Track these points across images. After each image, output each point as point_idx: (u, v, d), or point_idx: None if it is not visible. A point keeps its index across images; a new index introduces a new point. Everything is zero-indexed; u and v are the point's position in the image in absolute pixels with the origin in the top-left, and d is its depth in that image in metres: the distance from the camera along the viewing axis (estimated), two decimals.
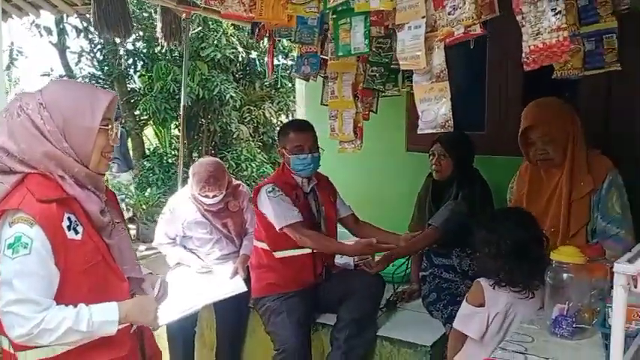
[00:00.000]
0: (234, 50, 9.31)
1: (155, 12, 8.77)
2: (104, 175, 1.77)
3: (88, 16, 8.78)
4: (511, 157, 2.91)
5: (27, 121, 1.59)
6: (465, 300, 2.23)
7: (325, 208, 3.05)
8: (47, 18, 10.27)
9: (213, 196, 3.23)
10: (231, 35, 9.10)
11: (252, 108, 10.95)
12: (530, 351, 1.75)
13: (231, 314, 3.22)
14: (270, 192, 2.86)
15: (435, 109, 1.66)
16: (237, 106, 10.47)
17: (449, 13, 1.58)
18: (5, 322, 1.55)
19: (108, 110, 1.68)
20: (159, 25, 4.11)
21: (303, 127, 2.84)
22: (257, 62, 10.40)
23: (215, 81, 9.43)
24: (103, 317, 1.60)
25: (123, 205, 8.09)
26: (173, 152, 10.79)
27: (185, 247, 3.43)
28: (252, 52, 10.03)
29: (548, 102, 2.46)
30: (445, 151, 3.04)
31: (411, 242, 2.95)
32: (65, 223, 1.59)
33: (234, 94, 9.71)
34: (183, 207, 3.36)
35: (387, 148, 3.99)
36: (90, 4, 4.83)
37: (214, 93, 9.45)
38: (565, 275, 1.87)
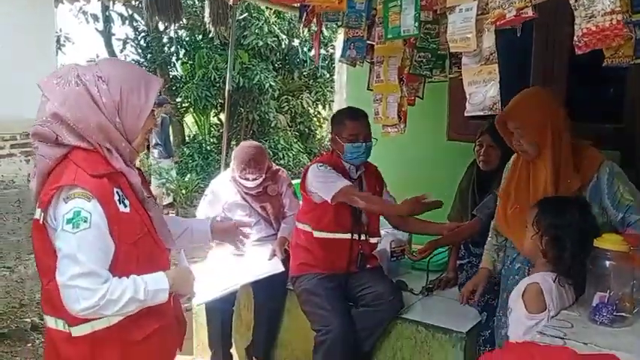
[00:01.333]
0: (275, 38, 9.39)
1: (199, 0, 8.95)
2: (140, 155, 1.83)
3: (133, 3, 9.02)
4: None
5: (84, 91, 1.60)
6: (523, 309, 1.97)
7: None
8: (94, 5, 10.52)
9: (253, 179, 3.30)
10: (273, 24, 9.17)
11: (290, 97, 11.04)
12: (570, 336, 1.75)
13: (269, 294, 3.28)
14: (320, 167, 2.91)
15: (484, 92, 1.67)
16: (276, 96, 10.57)
17: None
18: (70, 296, 1.54)
19: (156, 95, 1.73)
20: (207, 10, 4.19)
21: (359, 115, 2.84)
22: (299, 50, 10.44)
23: (255, 70, 9.54)
24: (156, 286, 1.64)
25: (164, 190, 8.30)
26: (212, 140, 10.97)
27: None
28: (295, 40, 10.07)
29: (526, 92, 2.31)
30: (493, 142, 3.00)
31: (456, 232, 2.94)
32: (116, 197, 1.62)
33: (273, 84, 9.81)
34: (225, 189, 3.44)
35: (427, 138, 3.99)
36: None
37: (254, 82, 9.56)
38: (607, 263, 1.85)
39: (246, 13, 8.99)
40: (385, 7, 1.83)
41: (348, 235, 2.96)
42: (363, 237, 3.02)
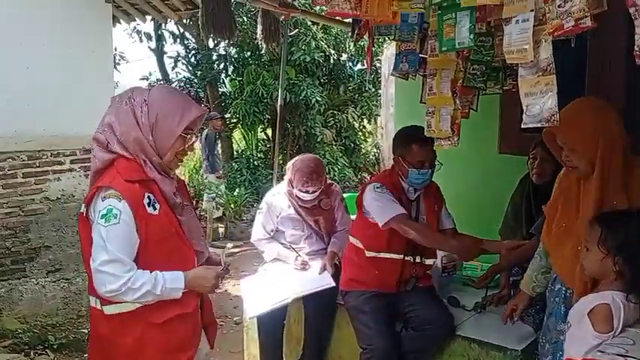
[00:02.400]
0: (322, 54, 9.47)
1: (248, 17, 9.12)
2: (174, 170, 2.07)
3: (185, 22, 9.28)
4: None
5: (130, 111, 1.93)
6: (589, 327, 1.87)
7: (427, 217, 3.00)
8: (147, 25, 10.90)
9: (313, 192, 3.32)
10: (320, 39, 9.26)
11: (335, 112, 11.08)
12: (632, 353, 1.69)
13: (319, 309, 3.29)
14: (377, 188, 2.88)
15: (541, 103, 1.64)
16: (322, 111, 10.64)
17: (559, 6, 1.56)
18: (98, 279, 1.85)
19: (193, 122, 1.99)
20: (259, 27, 4.28)
21: (426, 140, 2.72)
22: (345, 65, 10.49)
23: (302, 85, 9.63)
24: (172, 285, 1.92)
25: (213, 204, 8.47)
26: (259, 155, 11.12)
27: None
28: (342, 54, 10.12)
29: (577, 103, 2.11)
30: (548, 155, 2.93)
31: (517, 253, 2.84)
32: (146, 200, 1.91)
33: (319, 99, 9.87)
34: (279, 202, 3.48)
35: (479, 151, 3.93)
36: (191, 9, 5.14)
37: (300, 97, 9.65)
38: None
39: (296, 30, 9.12)
40: (439, 19, 1.83)
41: (400, 256, 2.93)
42: (417, 259, 2.98)
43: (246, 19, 9.30)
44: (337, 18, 3.40)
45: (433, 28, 2.11)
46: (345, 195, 3.74)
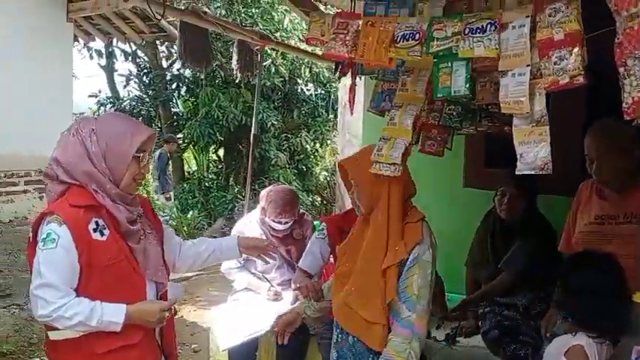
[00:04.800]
0: (281, 79, 9.57)
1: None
2: (133, 194, 2.04)
3: (138, 42, 9.15)
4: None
5: (79, 142, 1.92)
6: None
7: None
8: (97, 41, 10.67)
9: (285, 223, 3.33)
10: (280, 65, 9.35)
11: (289, 136, 11.16)
12: None
13: (291, 339, 3.27)
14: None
15: (535, 152, 1.73)
16: (276, 134, 10.69)
17: (555, 63, 1.67)
18: (32, 302, 1.86)
19: (144, 143, 1.98)
20: (234, 57, 4.30)
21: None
22: (300, 90, 10.66)
23: (258, 108, 9.67)
24: (110, 318, 1.88)
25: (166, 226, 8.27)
26: (210, 176, 11.02)
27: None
28: (298, 80, 10.26)
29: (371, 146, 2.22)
30: (518, 192, 3.04)
31: (487, 289, 2.98)
32: (92, 226, 1.89)
33: (275, 122, 9.92)
34: (250, 230, 3.46)
35: (443, 184, 4.05)
36: (156, 32, 5.09)
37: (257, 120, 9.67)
38: None
39: (272, 58, 9.24)
40: (436, 67, 1.91)
41: None
42: None
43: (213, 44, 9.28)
44: (312, 52, 3.45)
45: (409, 66, 2.19)
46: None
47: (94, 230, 1.89)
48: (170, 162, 9.49)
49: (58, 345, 1.95)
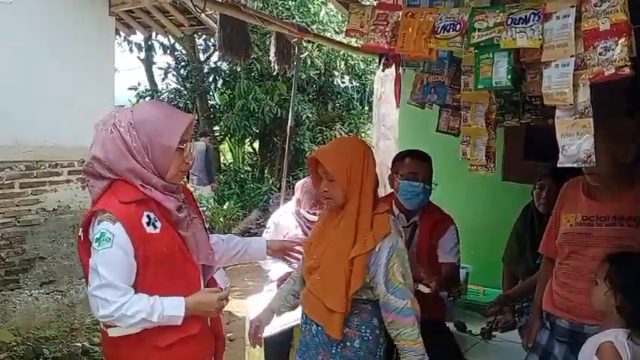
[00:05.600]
0: (317, 71, 9.58)
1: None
2: (178, 184, 2.00)
3: (178, 35, 9.28)
4: None
5: (118, 138, 1.86)
6: None
7: (417, 248, 2.82)
8: (137, 34, 10.87)
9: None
10: (315, 57, 9.36)
11: (323, 128, 11.17)
12: None
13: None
14: None
15: (578, 144, 1.70)
16: (311, 126, 10.72)
17: (600, 54, 1.64)
18: (92, 303, 1.82)
19: (185, 132, 1.93)
20: (272, 49, 4.33)
21: (421, 156, 2.75)
22: (335, 82, 10.65)
23: (294, 101, 9.72)
24: (171, 312, 1.87)
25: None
26: (246, 168, 11.13)
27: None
28: (334, 72, 10.26)
29: (341, 139, 2.18)
30: (557, 186, 2.98)
31: (525, 284, 2.92)
32: (144, 220, 1.85)
33: (310, 115, 9.95)
34: (286, 221, 3.48)
35: (482, 178, 3.99)
36: (195, 25, 5.16)
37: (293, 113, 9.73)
38: None
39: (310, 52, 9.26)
40: (477, 58, 1.89)
41: None
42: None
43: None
44: (348, 44, 3.45)
45: (466, 64, 2.17)
46: None
47: (147, 224, 1.86)
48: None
49: (117, 341, 1.92)
